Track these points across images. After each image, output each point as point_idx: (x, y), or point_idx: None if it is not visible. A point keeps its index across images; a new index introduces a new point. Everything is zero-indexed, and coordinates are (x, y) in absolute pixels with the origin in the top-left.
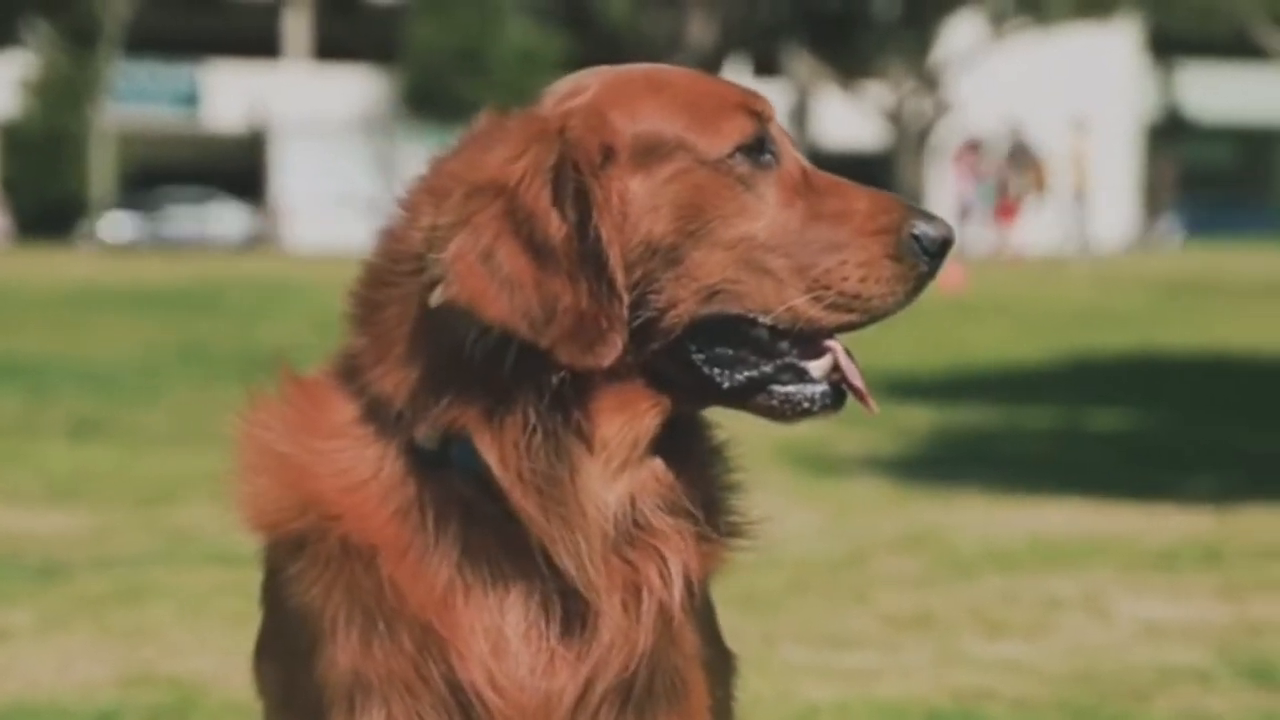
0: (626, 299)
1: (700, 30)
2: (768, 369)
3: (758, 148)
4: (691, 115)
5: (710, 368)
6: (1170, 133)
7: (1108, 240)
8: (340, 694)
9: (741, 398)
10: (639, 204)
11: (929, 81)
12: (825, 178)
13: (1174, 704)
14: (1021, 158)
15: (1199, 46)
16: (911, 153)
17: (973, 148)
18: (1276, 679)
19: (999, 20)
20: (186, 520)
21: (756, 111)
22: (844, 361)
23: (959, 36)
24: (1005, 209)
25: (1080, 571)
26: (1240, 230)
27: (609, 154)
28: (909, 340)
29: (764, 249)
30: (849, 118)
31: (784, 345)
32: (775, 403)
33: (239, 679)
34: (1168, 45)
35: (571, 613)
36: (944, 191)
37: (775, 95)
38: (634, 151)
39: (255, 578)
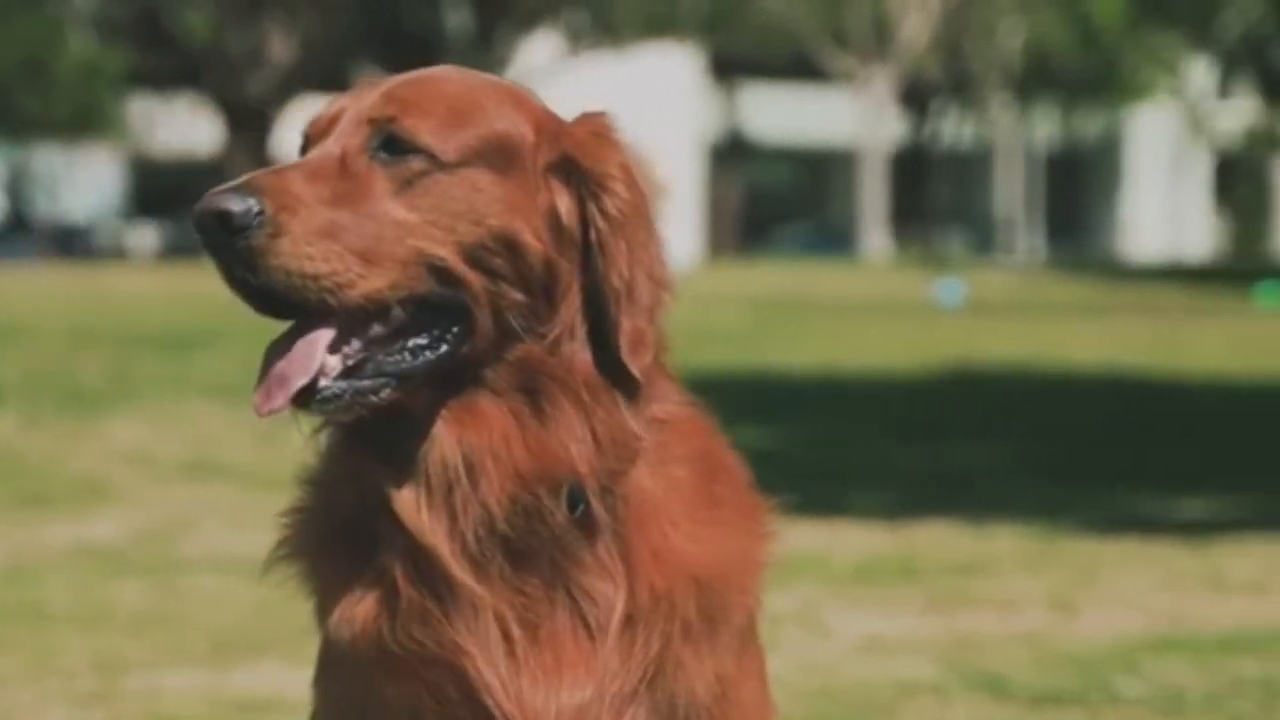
0: None
1: (280, 47)
2: None
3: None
4: None
5: None
6: (732, 154)
7: (678, 260)
8: None
9: None
10: None
11: None
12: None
13: (919, 717)
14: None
15: (759, 68)
16: None
17: None
18: (1007, 689)
19: (575, 39)
20: None
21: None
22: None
23: (534, 55)
24: None
25: (784, 587)
26: (789, 249)
27: None
28: None
29: None
30: None
31: None
32: None
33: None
34: (729, 67)
35: (552, 627)
36: None
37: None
38: None
39: None
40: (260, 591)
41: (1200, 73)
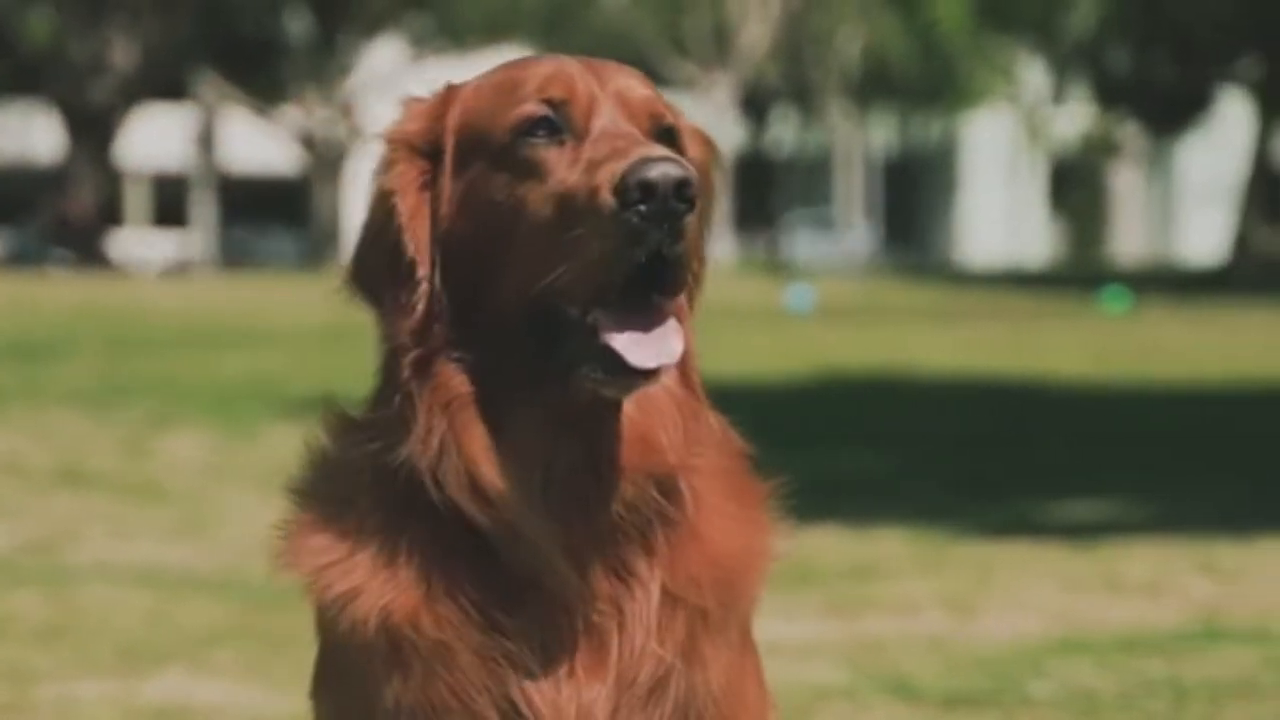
0: (422, 283)
1: (122, 54)
2: (576, 347)
3: (544, 126)
4: (493, 106)
5: (537, 352)
6: None
7: None
8: None
9: (566, 380)
10: (451, 200)
11: (342, 107)
12: (615, 135)
13: None
14: None
15: None
16: (327, 178)
17: None
18: (918, 691)
19: (418, 44)
20: None
21: (546, 93)
22: (619, 323)
23: (378, 61)
24: None
25: None
26: None
27: (435, 149)
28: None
29: (542, 230)
30: (262, 142)
31: (592, 318)
32: (587, 383)
33: None
34: None
35: (577, 628)
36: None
37: (182, 119)
38: (456, 147)
39: None
40: (154, 600)
41: (1036, 78)
